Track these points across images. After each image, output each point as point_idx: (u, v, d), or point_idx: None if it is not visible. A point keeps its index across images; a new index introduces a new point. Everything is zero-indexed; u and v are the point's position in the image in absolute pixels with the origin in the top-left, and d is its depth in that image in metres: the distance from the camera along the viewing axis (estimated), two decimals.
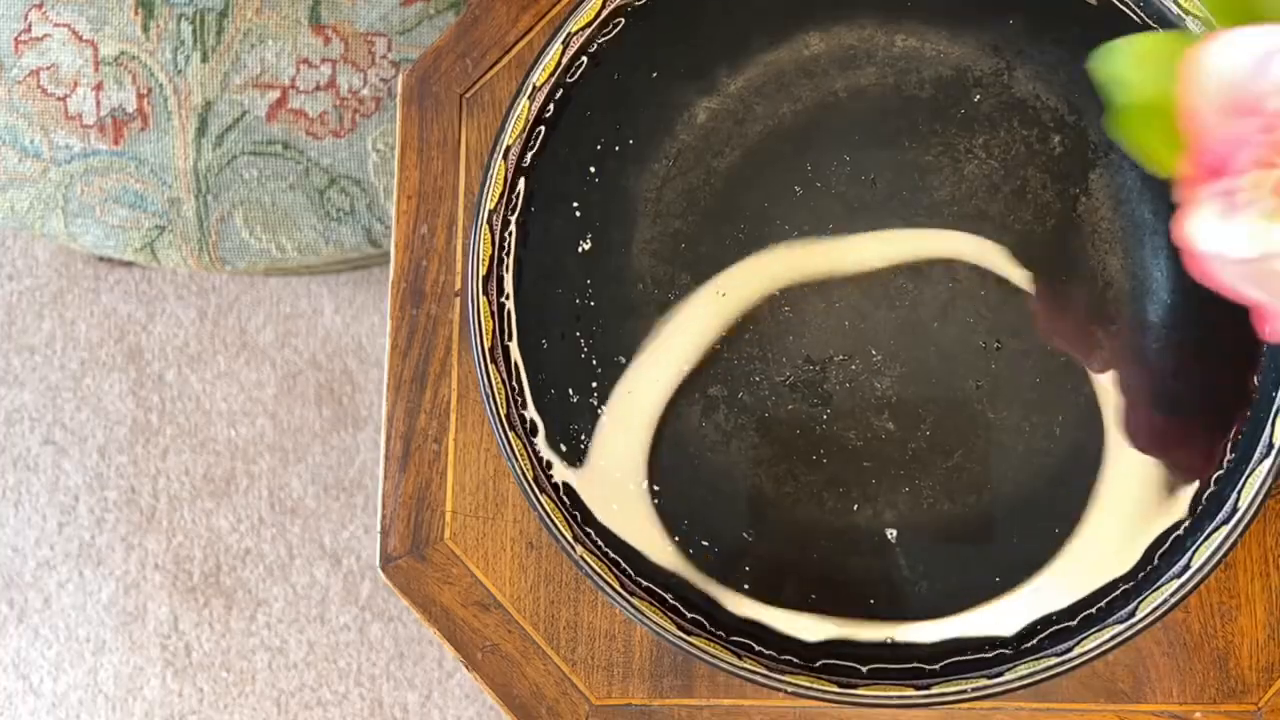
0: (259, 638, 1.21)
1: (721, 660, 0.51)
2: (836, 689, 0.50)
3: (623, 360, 0.54)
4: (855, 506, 0.53)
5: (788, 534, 0.53)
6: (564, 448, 0.53)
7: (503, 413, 0.52)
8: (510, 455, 0.52)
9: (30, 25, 0.81)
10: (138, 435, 1.24)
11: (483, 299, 0.53)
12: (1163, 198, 0.53)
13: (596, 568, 0.51)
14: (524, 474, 0.52)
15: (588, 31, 0.54)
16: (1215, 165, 0.34)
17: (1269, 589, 0.55)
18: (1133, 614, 0.50)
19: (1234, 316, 0.52)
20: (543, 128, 0.55)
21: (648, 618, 0.51)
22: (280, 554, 1.21)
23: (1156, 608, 0.50)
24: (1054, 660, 0.50)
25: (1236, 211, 0.34)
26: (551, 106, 0.55)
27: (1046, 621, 0.52)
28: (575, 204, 0.55)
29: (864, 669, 0.52)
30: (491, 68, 0.60)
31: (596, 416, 0.54)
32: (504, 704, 0.57)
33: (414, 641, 1.19)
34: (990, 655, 0.51)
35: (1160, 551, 0.51)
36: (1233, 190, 0.34)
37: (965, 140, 0.54)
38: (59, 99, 0.80)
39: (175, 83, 0.79)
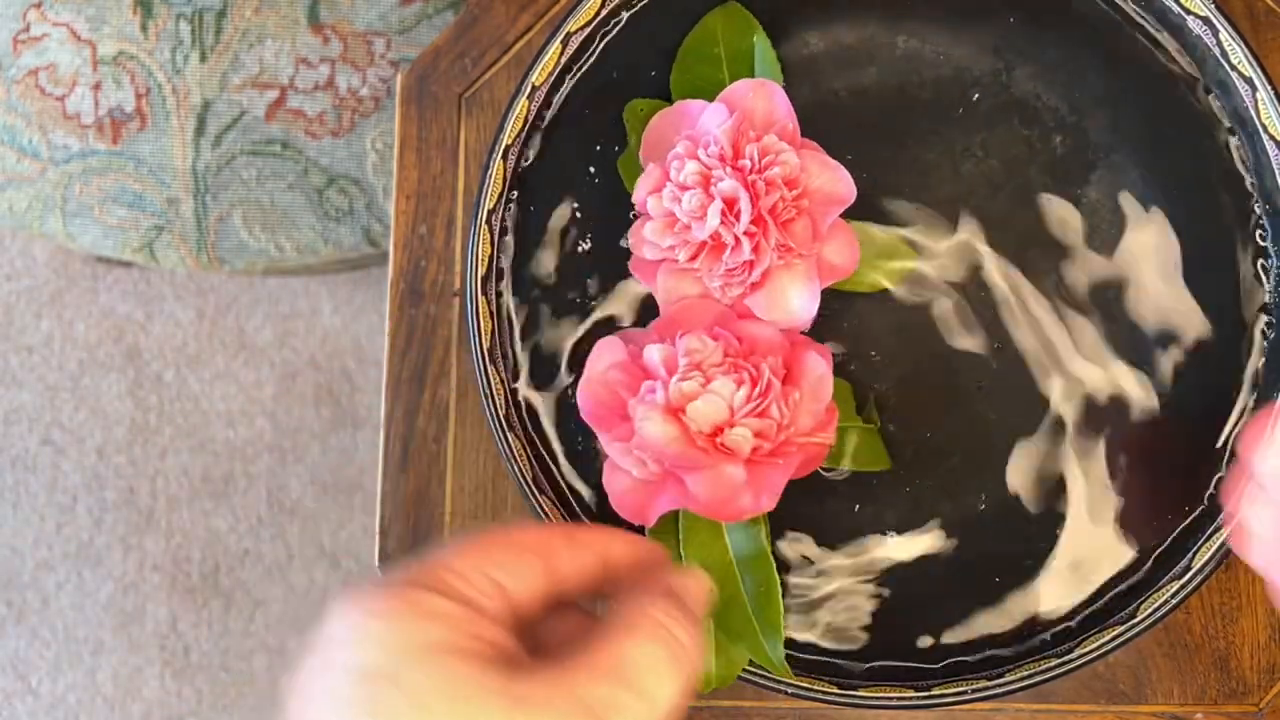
0: (258, 638, 1.21)
1: None
2: (836, 690, 0.50)
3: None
4: (856, 507, 0.53)
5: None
6: (563, 449, 0.53)
7: (502, 413, 0.52)
8: (509, 456, 0.52)
9: (29, 25, 0.80)
10: (136, 435, 1.23)
11: (482, 299, 0.53)
12: (1164, 198, 0.53)
13: None
14: (523, 475, 0.52)
15: (587, 30, 0.54)
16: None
17: (1270, 590, 0.55)
18: (1133, 615, 0.50)
19: (1233, 317, 0.52)
20: (542, 127, 0.55)
21: None
22: (279, 555, 1.21)
23: (1157, 609, 0.50)
24: (1054, 661, 0.50)
25: None
26: (551, 106, 0.54)
27: (1047, 622, 0.52)
28: (575, 204, 0.55)
29: (863, 669, 0.52)
30: (490, 67, 0.60)
31: None
32: None
33: None
34: (990, 656, 0.51)
35: (1160, 552, 0.51)
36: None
37: (965, 140, 0.54)
38: (57, 99, 0.80)
39: (174, 82, 0.79)
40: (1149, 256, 0.53)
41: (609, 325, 0.54)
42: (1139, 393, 0.53)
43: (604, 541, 0.40)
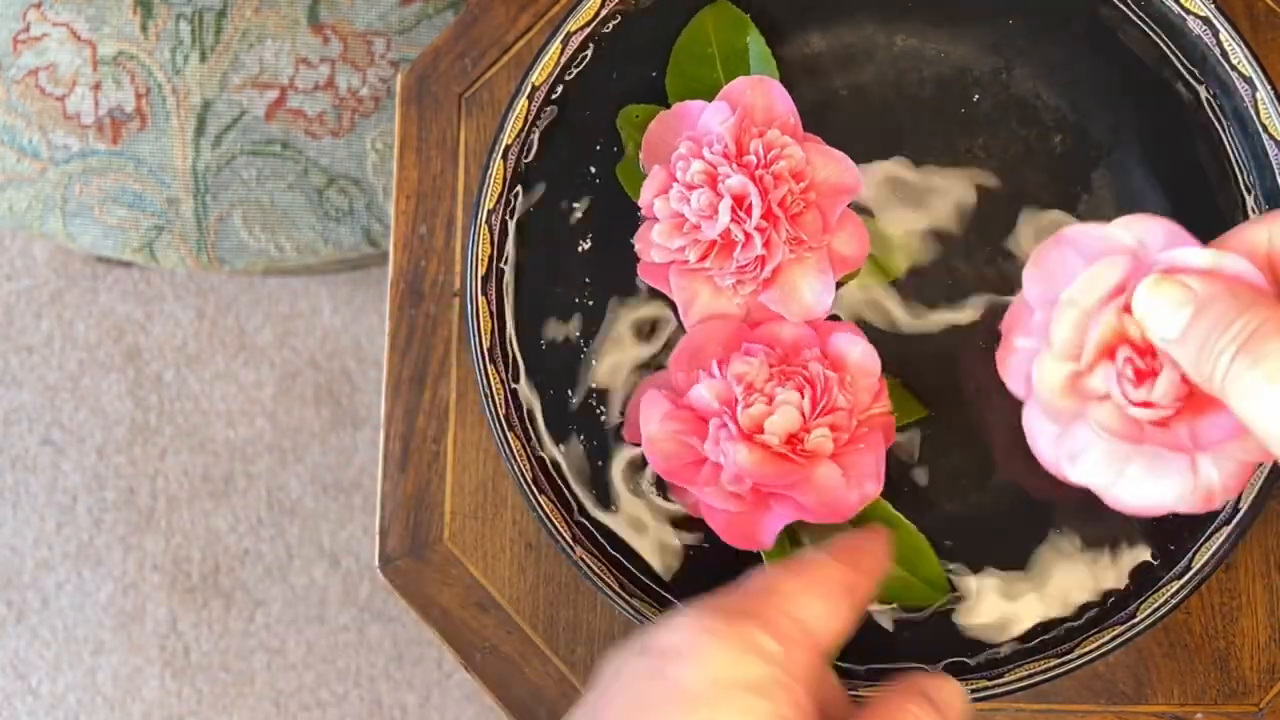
0: (258, 638, 1.21)
1: None
2: None
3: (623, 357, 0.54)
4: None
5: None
6: (563, 449, 0.53)
7: (501, 413, 0.52)
8: (509, 456, 0.52)
9: (29, 25, 0.80)
10: (136, 435, 1.23)
11: (481, 299, 0.53)
12: (1165, 198, 0.53)
13: (596, 568, 0.51)
14: (522, 474, 0.52)
15: (586, 30, 0.54)
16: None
17: (1270, 590, 0.55)
18: (1133, 615, 0.50)
19: None
20: (542, 127, 0.55)
21: (647, 619, 0.51)
22: (279, 554, 1.21)
23: (1157, 609, 0.50)
24: (1055, 661, 0.50)
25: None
26: (550, 106, 0.54)
27: (1047, 623, 0.52)
28: (575, 204, 0.55)
29: (863, 669, 0.52)
30: (490, 67, 0.60)
31: (596, 417, 0.54)
32: (503, 705, 0.57)
33: (413, 642, 1.19)
34: (991, 656, 0.51)
35: (1160, 552, 0.51)
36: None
37: (965, 139, 0.54)
38: (57, 99, 0.80)
39: (174, 82, 0.79)
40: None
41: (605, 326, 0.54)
42: None
43: (881, 551, 0.43)
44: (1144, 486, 0.40)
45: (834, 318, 0.53)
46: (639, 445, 0.50)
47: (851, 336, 0.49)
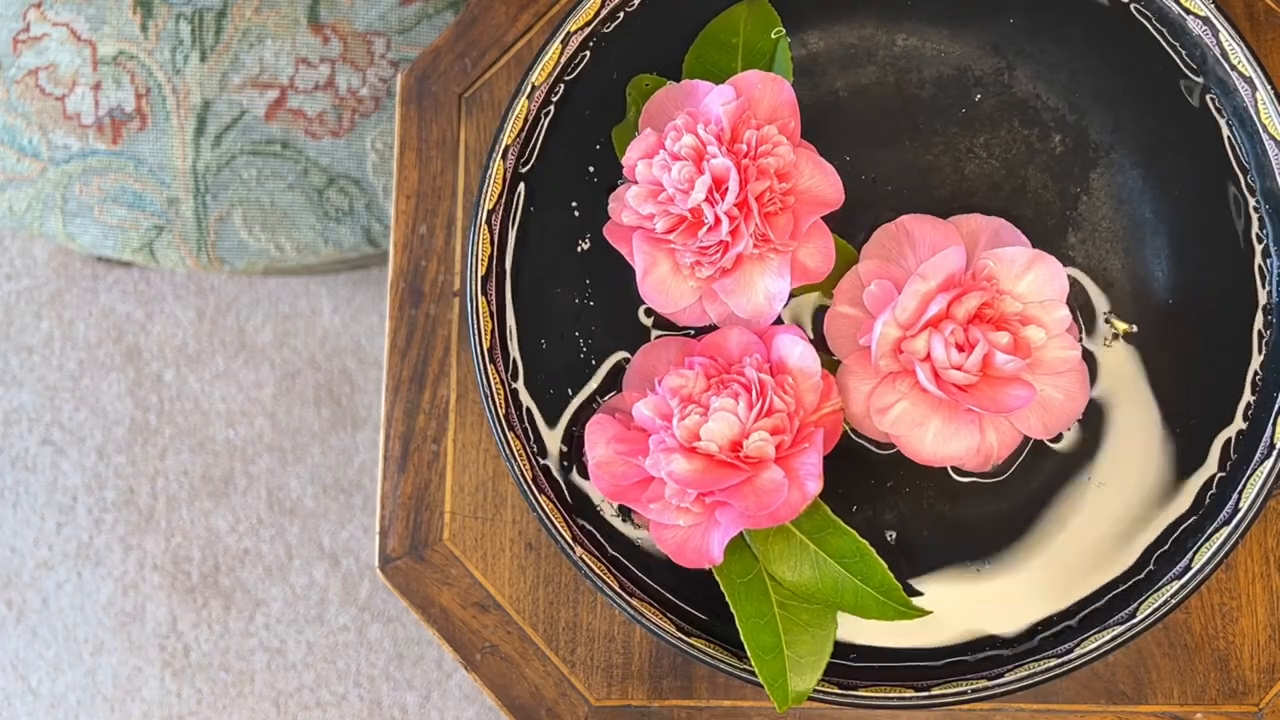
0: (258, 638, 1.21)
1: (721, 661, 0.51)
2: (836, 690, 0.50)
3: (622, 360, 0.54)
4: (855, 508, 0.53)
5: None
6: (564, 448, 0.53)
7: (502, 413, 0.52)
8: (509, 456, 0.52)
9: (29, 25, 0.80)
10: (136, 435, 1.23)
11: (482, 299, 0.53)
12: (1164, 198, 0.53)
13: (596, 568, 0.51)
14: (523, 474, 0.52)
15: (586, 30, 0.54)
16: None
17: (1270, 590, 0.55)
18: (1133, 615, 0.50)
19: (1232, 318, 0.52)
20: (542, 127, 0.55)
21: (647, 619, 0.51)
22: (279, 554, 1.21)
23: (1157, 609, 0.50)
24: (1054, 661, 0.50)
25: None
26: (551, 106, 0.54)
27: (1047, 622, 0.52)
28: (575, 204, 0.55)
29: (860, 670, 0.52)
30: (490, 67, 0.60)
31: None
32: (503, 705, 0.57)
33: (413, 642, 1.19)
34: (990, 656, 0.51)
35: (1160, 552, 0.51)
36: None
37: (966, 140, 0.54)
38: (57, 99, 0.80)
39: (174, 82, 0.79)
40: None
41: (605, 325, 0.54)
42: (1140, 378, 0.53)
43: None
44: (939, 441, 0.48)
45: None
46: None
47: (792, 337, 0.49)
